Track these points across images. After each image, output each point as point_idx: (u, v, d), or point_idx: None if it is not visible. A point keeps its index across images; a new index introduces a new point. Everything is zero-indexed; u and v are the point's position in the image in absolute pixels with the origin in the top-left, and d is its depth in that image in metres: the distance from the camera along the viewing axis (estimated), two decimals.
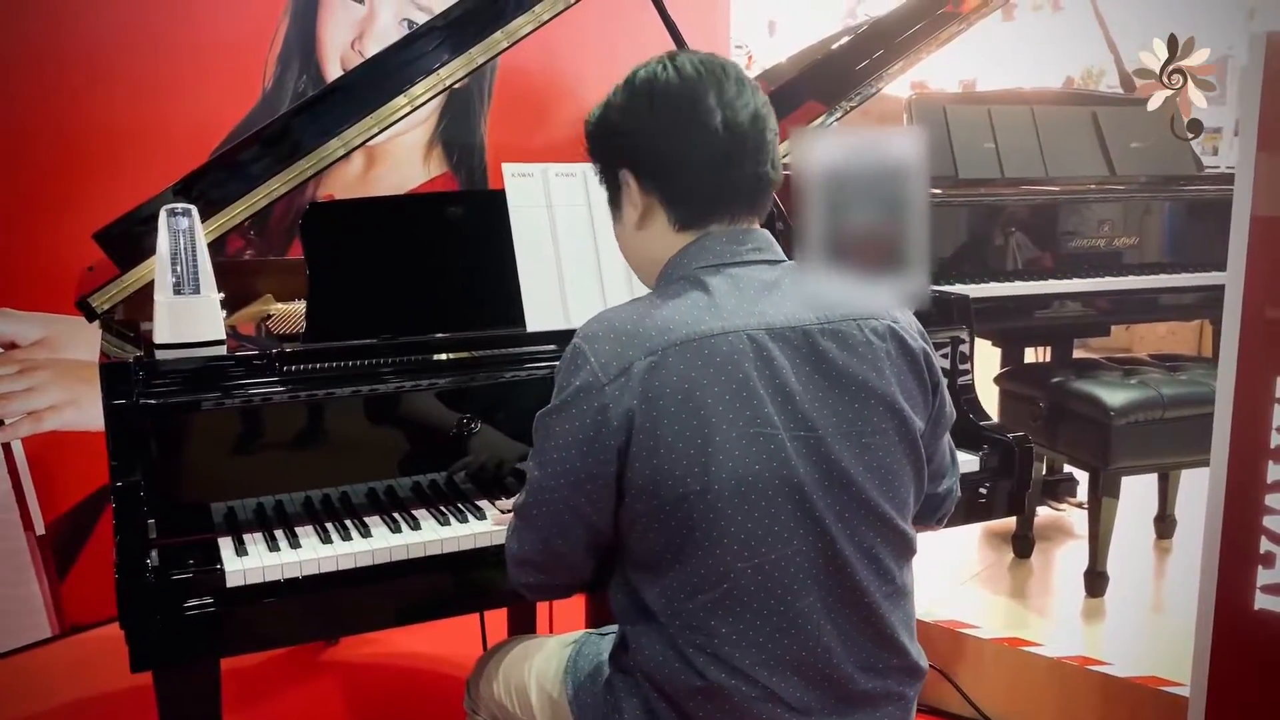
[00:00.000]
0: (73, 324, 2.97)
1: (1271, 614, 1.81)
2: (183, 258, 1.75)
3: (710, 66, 1.29)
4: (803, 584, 1.22)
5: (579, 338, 1.25)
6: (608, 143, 1.35)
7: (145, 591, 1.46)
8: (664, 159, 1.29)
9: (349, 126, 2.10)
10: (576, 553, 1.30)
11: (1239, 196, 1.78)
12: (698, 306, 1.24)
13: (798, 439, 1.21)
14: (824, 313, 1.26)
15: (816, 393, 1.23)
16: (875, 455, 1.26)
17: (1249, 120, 1.75)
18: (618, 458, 1.20)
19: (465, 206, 2.02)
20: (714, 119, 1.26)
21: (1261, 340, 1.80)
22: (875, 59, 2.98)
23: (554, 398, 1.25)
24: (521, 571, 1.35)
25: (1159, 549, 3.18)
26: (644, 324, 1.22)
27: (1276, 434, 1.78)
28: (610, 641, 1.44)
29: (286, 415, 1.69)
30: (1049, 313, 3.09)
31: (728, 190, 1.30)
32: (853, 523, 1.24)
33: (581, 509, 1.25)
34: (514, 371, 1.83)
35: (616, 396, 1.19)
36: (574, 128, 4.14)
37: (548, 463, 1.25)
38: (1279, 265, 1.77)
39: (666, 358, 1.19)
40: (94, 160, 2.90)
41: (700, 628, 1.22)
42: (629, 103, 1.32)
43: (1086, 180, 3.20)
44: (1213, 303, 3.10)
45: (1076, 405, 2.75)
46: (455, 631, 2.28)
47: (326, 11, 3.36)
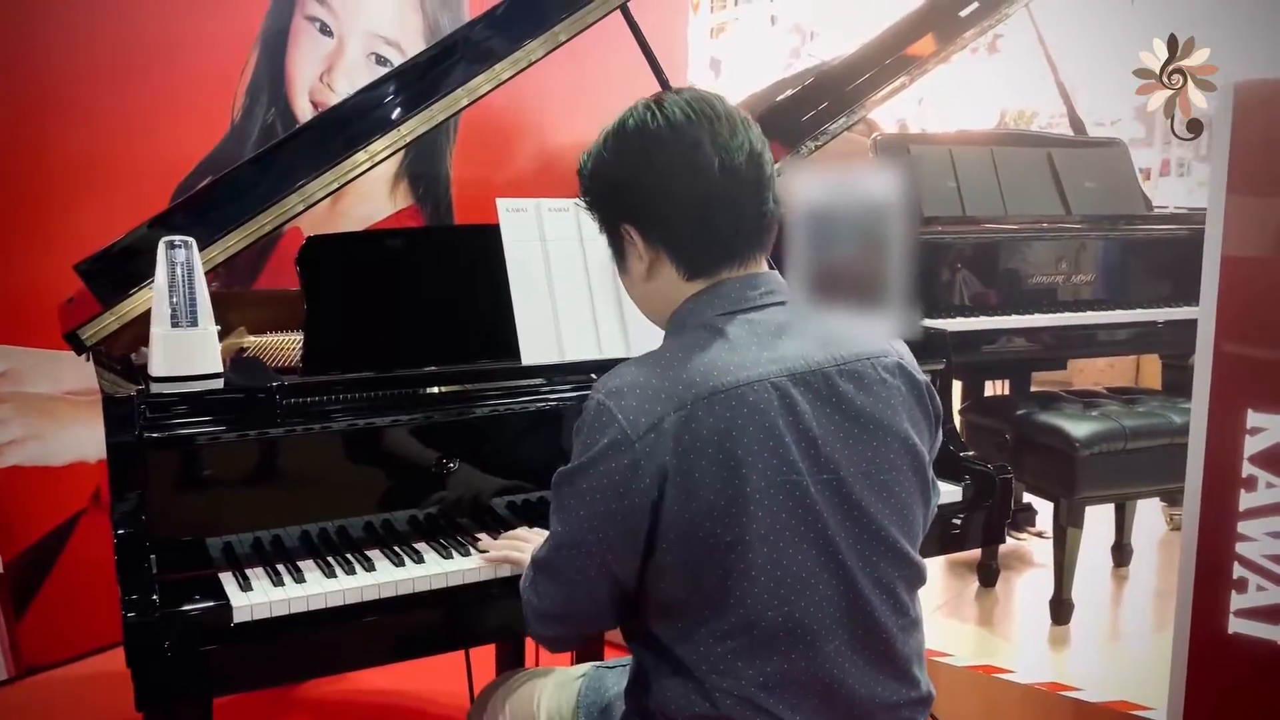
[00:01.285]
0: (35, 357, 2.91)
1: (1245, 638, 1.88)
2: (180, 290, 1.74)
3: (699, 108, 1.27)
4: (829, 627, 1.24)
5: (602, 395, 1.23)
6: (607, 198, 1.34)
7: (152, 628, 1.44)
8: (666, 212, 1.28)
9: (309, 181, 2.09)
10: (600, 604, 1.30)
11: (1210, 237, 1.87)
12: (720, 357, 1.23)
13: (820, 482, 1.23)
14: (838, 352, 1.28)
15: (837, 434, 1.25)
16: (892, 491, 1.29)
17: (1219, 165, 1.84)
18: (651, 513, 1.20)
19: (461, 241, 2.04)
20: (711, 165, 1.25)
21: (1232, 374, 1.88)
22: (852, 92, 3.07)
23: (578, 455, 1.24)
24: (544, 625, 1.35)
25: (1116, 577, 3.27)
26: (669, 378, 1.22)
27: (1248, 464, 1.86)
28: (621, 675, 1.45)
29: (290, 448, 1.68)
30: (1022, 346, 3.17)
31: (733, 235, 1.29)
32: (871, 559, 1.26)
33: (607, 564, 1.25)
34: (509, 405, 1.84)
35: (648, 453, 1.18)
36: (537, 161, 4.18)
37: (573, 520, 1.24)
38: (1248, 303, 1.86)
39: (696, 411, 1.19)
40: (59, 193, 2.86)
41: (728, 671, 1.23)
42: (623, 157, 1.30)
43: (1044, 218, 3.31)
44: (1170, 336, 3.22)
45: (1041, 437, 2.84)
46: (434, 668, 2.26)
47: (296, 45, 3.36)
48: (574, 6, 2.22)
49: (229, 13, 3.17)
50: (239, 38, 3.22)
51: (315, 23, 3.38)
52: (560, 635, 1.37)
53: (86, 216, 2.79)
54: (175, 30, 3.02)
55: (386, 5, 3.56)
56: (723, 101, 1.30)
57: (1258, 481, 1.85)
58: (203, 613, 1.49)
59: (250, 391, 1.66)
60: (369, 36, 3.51)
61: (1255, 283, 1.86)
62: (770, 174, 1.31)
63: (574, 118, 3.86)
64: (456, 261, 1.98)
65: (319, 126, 2.20)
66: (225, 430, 1.62)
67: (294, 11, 3.34)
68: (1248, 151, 1.81)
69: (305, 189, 2.09)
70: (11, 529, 2.90)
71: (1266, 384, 1.85)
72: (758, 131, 1.31)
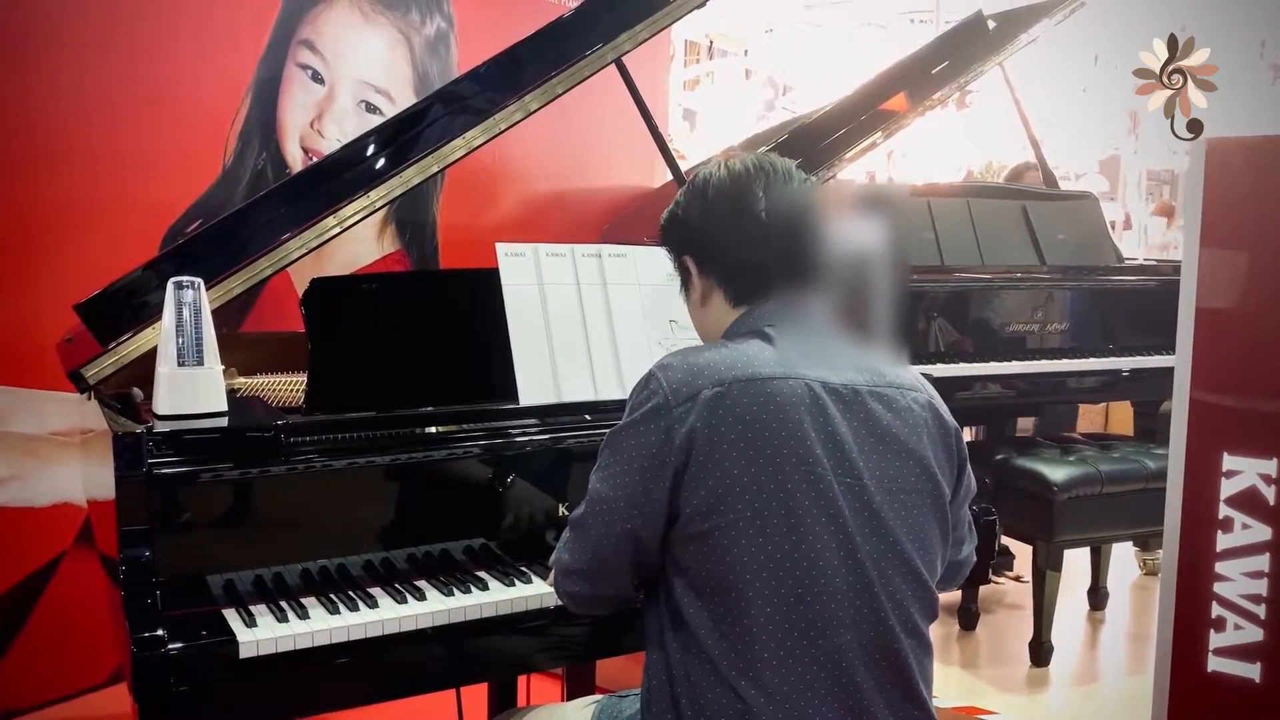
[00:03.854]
0: (20, 396, 2.90)
1: (1224, 675, 1.93)
2: (187, 329, 1.77)
3: (760, 162, 1.45)
4: (840, 620, 1.30)
5: (655, 367, 1.38)
6: (672, 235, 1.52)
7: (160, 665, 1.46)
8: (715, 244, 1.45)
9: (306, 228, 2.10)
10: (622, 566, 1.39)
11: (1185, 289, 1.95)
12: (763, 353, 1.36)
13: (844, 484, 1.32)
14: (872, 377, 1.39)
15: (863, 445, 1.34)
16: (911, 513, 1.36)
17: (1193, 220, 1.92)
18: (673, 478, 1.30)
19: (461, 284, 2.08)
20: (758, 206, 1.42)
21: (1208, 419, 1.95)
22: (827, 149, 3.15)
23: (626, 415, 1.36)
24: (568, 580, 1.44)
25: (1093, 620, 3.33)
26: (714, 359, 1.35)
27: (1224, 506, 1.93)
28: (631, 704, 1.48)
29: (296, 486, 1.70)
30: (996, 392, 3.24)
31: (773, 268, 1.43)
32: (887, 572, 1.32)
33: (634, 524, 1.34)
34: (507, 444, 1.88)
35: (681, 418, 1.30)
36: (520, 210, 4.23)
37: (611, 475, 1.35)
38: (1222, 352, 1.93)
39: (731, 390, 1.31)
40: (48, 234, 2.86)
41: (745, 653, 1.29)
42: (689, 199, 1.48)
43: (1022, 268, 3.40)
44: (1141, 383, 3.30)
45: (1020, 481, 2.90)
46: (421, 710, 2.26)
47: (287, 92, 3.41)
48: (573, 59, 2.28)
49: (222, 59, 3.22)
50: (231, 84, 3.26)
51: (307, 70, 3.44)
52: (582, 592, 1.44)
53: (75, 258, 2.80)
54: (168, 75, 3.05)
55: (376, 54, 3.62)
56: (786, 163, 1.48)
57: (1234, 523, 1.91)
58: (209, 648, 1.50)
59: (257, 429, 1.69)
60: (359, 84, 3.57)
61: (1228, 333, 1.94)
62: (815, 224, 1.45)
63: (559, 166, 3.93)
64: (457, 304, 2.02)
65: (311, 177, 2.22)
66: (232, 468, 1.64)
67: (286, 59, 3.39)
68: (1220, 207, 1.90)
69: (302, 235, 2.12)
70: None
71: (1241, 429, 1.92)
72: (815, 188, 1.50)
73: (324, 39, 3.45)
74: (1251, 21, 7.13)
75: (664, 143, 2.46)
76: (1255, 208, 1.89)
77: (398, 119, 2.29)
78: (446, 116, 2.26)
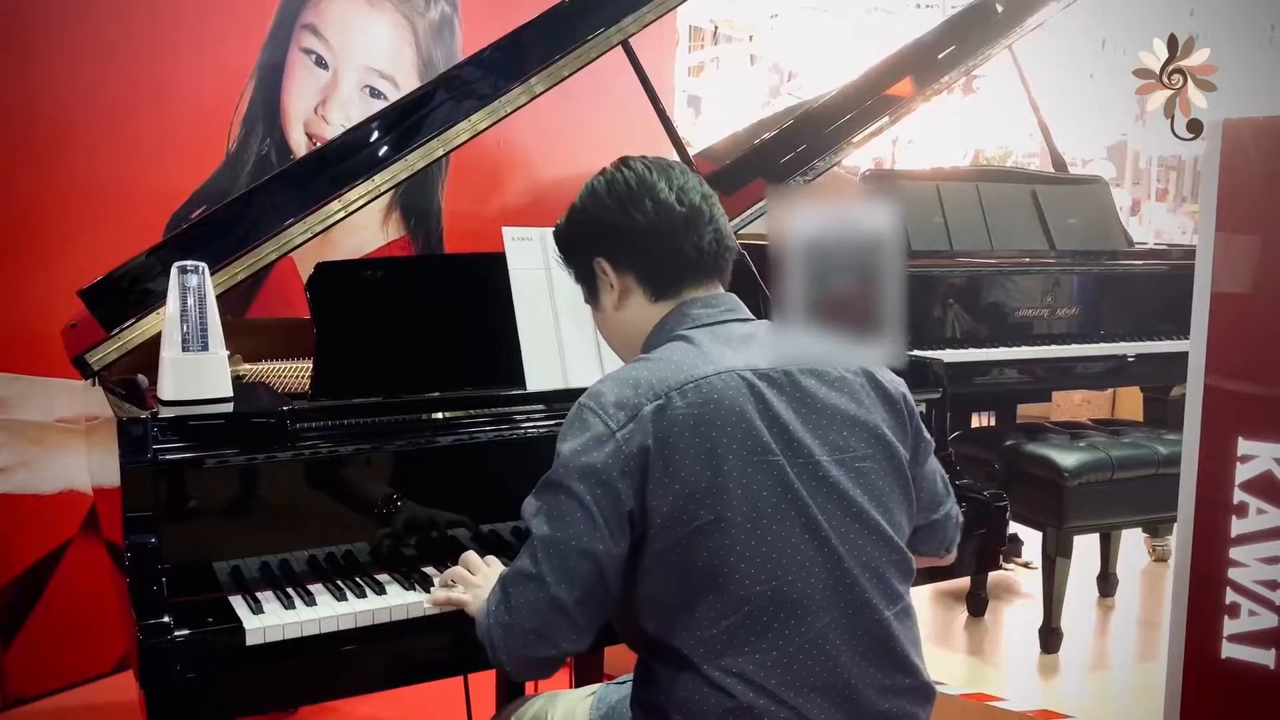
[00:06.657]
0: (26, 384, 2.90)
1: (1239, 662, 1.92)
2: (191, 315, 1.75)
3: (655, 162, 1.47)
4: (818, 604, 1.30)
5: (582, 400, 1.35)
6: (579, 241, 1.51)
7: (166, 651, 1.44)
8: (633, 237, 1.44)
9: (310, 213, 2.08)
10: (580, 603, 1.30)
11: (1200, 275, 1.92)
12: (689, 356, 1.36)
13: (797, 465, 1.32)
14: (799, 355, 1.39)
15: (807, 423, 1.34)
16: (868, 479, 1.36)
17: (1208, 203, 1.89)
18: (635, 495, 1.29)
19: (467, 268, 2.06)
20: (670, 198, 1.43)
21: (1222, 404, 1.93)
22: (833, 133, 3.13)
23: (561, 457, 1.32)
24: (517, 644, 1.34)
25: (1103, 606, 3.31)
26: (643, 375, 1.34)
27: (1239, 491, 1.91)
28: (621, 690, 1.47)
29: (301, 471, 1.69)
30: (1009, 378, 3.21)
31: (693, 256, 1.44)
32: (857, 542, 1.33)
33: (594, 548, 1.28)
34: (514, 430, 1.86)
35: (628, 439, 1.29)
36: (525, 196, 4.22)
37: (559, 516, 1.30)
38: (1236, 337, 1.91)
39: (672, 399, 1.30)
40: (53, 221, 2.85)
41: (726, 651, 1.28)
42: (595, 202, 1.47)
43: (1030, 254, 3.37)
44: (1152, 368, 3.28)
45: (1030, 467, 2.88)
46: (430, 698, 2.25)
47: (291, 78, 3.39)
48: (578, 41, 2.25)
49: (225, 45, 3.20)
50: (235, 70, 3.25)
51: (311, 55, 3.42)
52: (535, 656, 1.35)
53: (80, 245, 2.79)
54: (171, 62, 3.04)
55: (381, 39, 3.60)
56: (680, 164, 1.51)
57: (1249, 508, 1.90)
58: (216, 636, 1.49)
59: (263, 415, 1.68)
60: (363, 70, 3.55)
61: (1243, 318, 1.91)
62: (722, 214, 1.49)
63: (564, 152, 3.91)
64: (463, 289, 2.00)
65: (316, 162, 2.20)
66: (238, 453, 1.63)
67: (290, 45, 3.37)
68: (1236, 191, 1.87)
69: (306, 220, 2.10)
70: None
71: (1256, 413, 1.90)
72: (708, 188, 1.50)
73: (328, 24, 3.43)
74: (1260, 5, 7.09)
75: (671, 126, 2.44)
76: (1271, 191, 1.86)
77: (402, 103, 2.27)
78: (451, 101, 2.23)
